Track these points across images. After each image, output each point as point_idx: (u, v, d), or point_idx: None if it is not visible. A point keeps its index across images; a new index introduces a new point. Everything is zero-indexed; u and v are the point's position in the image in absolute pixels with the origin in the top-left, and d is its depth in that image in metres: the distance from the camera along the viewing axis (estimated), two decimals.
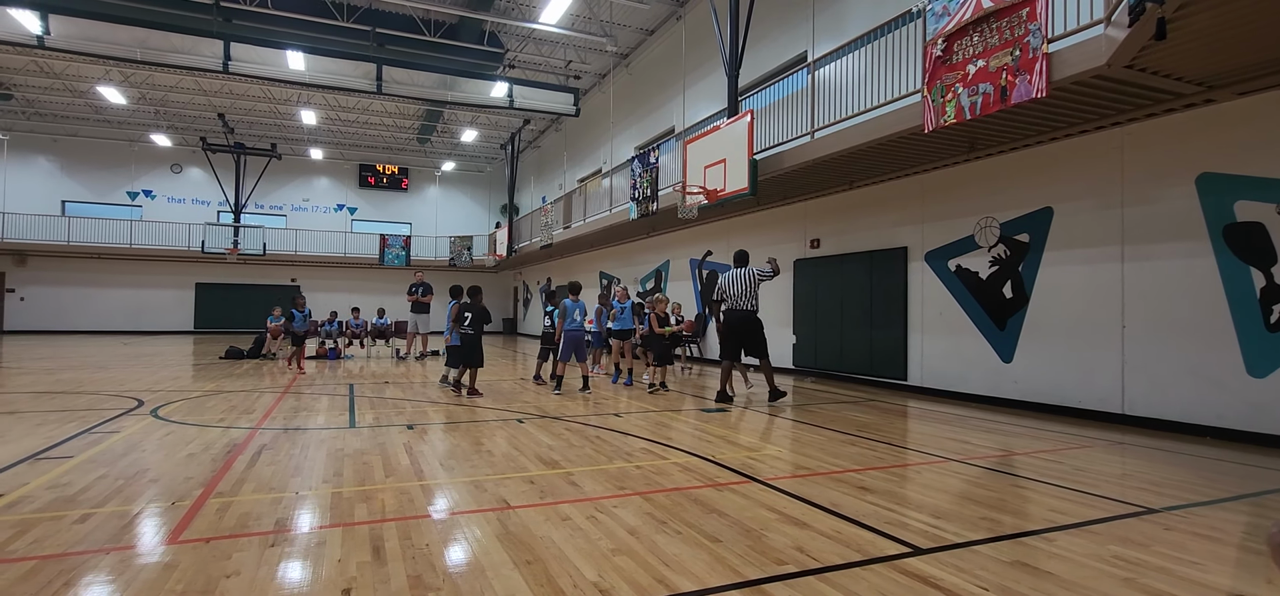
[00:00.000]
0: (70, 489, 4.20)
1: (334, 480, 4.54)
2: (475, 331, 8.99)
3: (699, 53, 15.57)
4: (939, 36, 7.24)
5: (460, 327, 9.03)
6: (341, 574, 2.92)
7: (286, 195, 30.13)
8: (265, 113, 25.08)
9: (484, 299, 9.66)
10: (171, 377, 11.04)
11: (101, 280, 26.65)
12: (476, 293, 9.46)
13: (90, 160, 27.34)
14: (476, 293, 9.46)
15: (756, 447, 5.89)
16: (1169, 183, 7.06)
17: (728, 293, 8.78)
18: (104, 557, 3.07)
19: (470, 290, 9.51)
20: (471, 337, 8.93)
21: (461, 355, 9.05)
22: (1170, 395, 6.99)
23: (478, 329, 9.04)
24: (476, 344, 9.01)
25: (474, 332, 8.97)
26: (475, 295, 9.40)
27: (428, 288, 14.71)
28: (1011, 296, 8.66)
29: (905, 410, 8.41)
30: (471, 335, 8.94)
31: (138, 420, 6.84)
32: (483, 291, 9.65)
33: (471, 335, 8.94)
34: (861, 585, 2.88)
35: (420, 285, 14.68)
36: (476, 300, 9.30)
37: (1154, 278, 7.17)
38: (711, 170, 10.99)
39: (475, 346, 8.99)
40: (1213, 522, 3.88)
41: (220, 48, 17.80)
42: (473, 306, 9.16)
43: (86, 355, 15.40)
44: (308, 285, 29.29)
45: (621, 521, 3.71)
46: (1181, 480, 4.91)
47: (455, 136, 27.83)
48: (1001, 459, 5.60)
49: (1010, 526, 3.74)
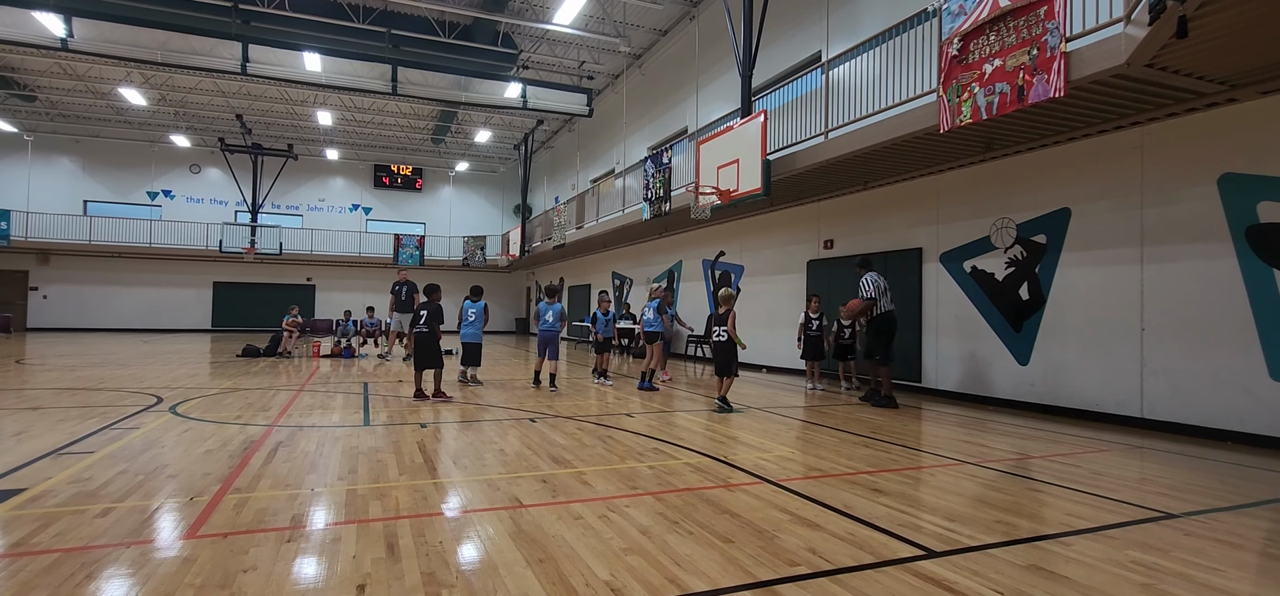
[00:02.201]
0: (92, 484, 4.27)
1: (349, 477, 4.59)
2: (430, 330, 8.56)
3: (712, 53, 15.55)
4: (955, 36, 7.18)
5: (415, 327, 8.65)
6: (356, 570, 2.95)
7: (302, 195, 30.47)
8: (282, 113, 25.38)
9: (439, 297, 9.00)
10: (190, 375, 11.20)
11: (122, 279, 27.11)
12: (434, 291, 9.01)
13: (111, 161, 27.81)
14: (434, 291, 9.01)
15: (768, 449, 5.88)
16: (1190, 183, 6.95)
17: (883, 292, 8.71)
18: (124, 551, 3.12)
19: (427, 288, 9.10)
20: (427, 336, 8.54)
21: (420, 358, 8.60)
22: (1191, 399, 6.88)
23: (433, 327, 8.59)
24: (432, 344, 8.56)
25: (429, 331, 8.55)
26: (432, 293, 8.96)
27: (413, 287, 14.69)
28: (1028, 298, 8.57)
29: (919, 412, 8.35)
30: (427, 333, 8.53)
31: (157, 417, 6.94)
32: (441, 290, 9.08)
33: (427, 333, 8.53)
34: (874, 587, 2.86)
35: (404, 285, 14.66)
36: (433, 298, 8.86)
37: (1174, 279, 7.06)
38: (724, 170, 10.97)
39: (431, 347, 8.55)
40: (1233, 528, 3.82)
41: (239, 50, 18.07)
42: (428, 304, 8.74)
43: (107, 352, 15.66)
44: (323, 285, 29.64)
45: (634, 521, 3.72)
46: (1202, 485, 4.83)
47: (469, 137, 28.01)
48: (1017, 462, 5.54)
49: (1026, 530, 3.70)
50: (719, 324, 8.23)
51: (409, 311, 14.49)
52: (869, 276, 8.80)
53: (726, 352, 8.15)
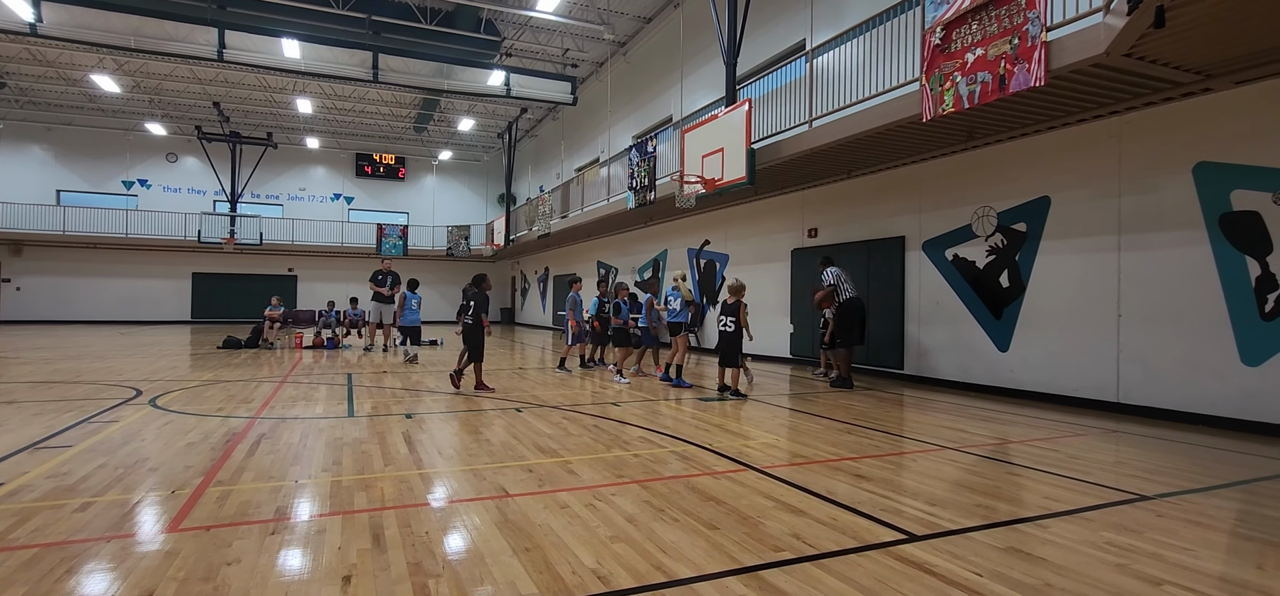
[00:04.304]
0: (70, 478, 4.21)
1: (333, 469, 4.56)
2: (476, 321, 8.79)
3: (697, 41, 15.51)
4: (938, 25, 7.22)
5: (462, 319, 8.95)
6: (342, 561, 2.94)
7: (283, 184, 30.03)
8: (261, 101, 24.95)
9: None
10: (169, 367, 11.04)
11: (98, 270, 26.60)
12: (482, 280, 9.25)
13: (85, 150, 27.20)
14: (482, 280, 9.25)
15: (753, 436, 5.92)
16: (1166, 172, 7.07)
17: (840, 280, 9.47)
18: (104, 545, 3.09)
19: (475, 279, 9.30)
20: (472, 328, 8.75)
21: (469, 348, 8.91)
22: (1165, 384, 7.03)
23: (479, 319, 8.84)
24: (478, 335, 8.82)
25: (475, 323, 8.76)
26: (480, 283, 9.18)
27: (395, 278, 14.57)
28: (1008, 286, 8.69)
29: (902, 399, 8.45)
30: (473, 326, 8.76)
31: (136, 409, 6.84)
32: (488, 279, 9.46)
33: (473, 326, 8.76)
34: (857, 572, 2.91)
35: (387, 274, 14.53)
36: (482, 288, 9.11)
37: (1150, 267, 7.20)
38: (709, 159, 10.97)
39: (476, 338, 8.80)
40: (1204, 509, 3.92)
41: (215, 35, 17.71)
42: (477, 295, 8.96)
43: (84, 345, 15.39)
44: (305, 275, 29.28)
45: (619, 509, 3.74)
46: (1175, 467, 4.95)
47: (452, 125, 27.74)
48: (997, 447, 5.64)
49: (1005, 513, 3.78)
50: (727, 314, 8.34)
51: (390, 302, 14.39)
52: (830, 270, 9.64)
53: (734, 343, 8.29)
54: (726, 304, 8.39)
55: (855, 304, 9.36)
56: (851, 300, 9.35)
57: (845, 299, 9.35)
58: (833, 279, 9.49)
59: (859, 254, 11.06)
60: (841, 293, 9.37)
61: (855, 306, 9.35)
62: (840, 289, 9.38)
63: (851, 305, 9.34)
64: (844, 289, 9.37)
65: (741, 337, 8.32)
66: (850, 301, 9.34)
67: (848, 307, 9.33)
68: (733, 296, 8.37)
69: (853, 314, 9.33)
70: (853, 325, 9.33)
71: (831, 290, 9.42)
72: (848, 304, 9.33)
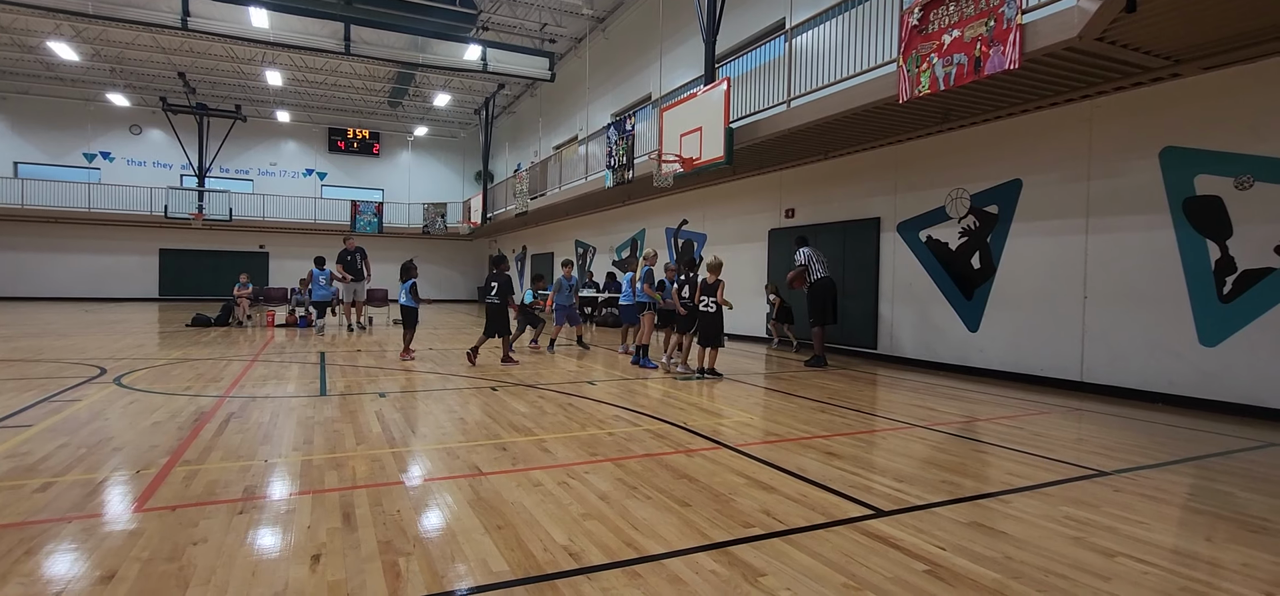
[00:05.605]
0: (30, 458, 4.11)
1: (304, 447, 4.51)
2: (502, 300, 9.26)
3: (677, 18, 15.37)
4: (916, 5, 7.24)
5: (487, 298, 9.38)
6: (311, 540, 2.92)
7: (253, 159, 29.30)
8: (228, 72, 24.23)
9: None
10: (136, 345, 10.79)
11: (60, 245, 25.80)
12: (501, 261, 9.64)
13: (43, 120, 26.24)
14: (501, 261, 9.64)
15: (727, 415, 5.98)
16: (1134, 156, 7.21)
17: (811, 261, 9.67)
18: (66, 526, 3.03)
19: (495, 259, 9.77)
20: (497, 307, 9.23)
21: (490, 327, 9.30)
22: (1127, 363, 7.23)
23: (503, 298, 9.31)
24: (502, 313, 9.30)
25: (500, 302, 9.24)
26: (500, 264, 9.57)
27: (362, 254, 14.25)
28: (979, 267, 8.83)
29: (875, 378, 8.58)
30: (498, 305, 9.23)
31: (101, 388, 6.69)
32: (508, 261, 9.97)
33: (498, 305, 9.23)
34: (825, 546, 2.96)
35: (355, 251, 14.18)
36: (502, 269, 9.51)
37: (1116, 249, 7.36)
38: (688, 138, 10.94)
39: (500, 316, 9.29)
40: (1159, 484, 4.06)
41: (178, 2, 17.10)
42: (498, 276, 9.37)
43: (46, 322, 14.96)
44: (277, 252, 28.71)
45: (593, 487, 3.76)
46: (1133, 444, 5.11)
47: (428, 100, 27.23)
48: (964, 425, 5.76)
49: (969, 489, 3.87)
50: (707, 294, 8.31)
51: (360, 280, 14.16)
52: (803, 250, 9.83)
53: (716, 324, 8.32)
54: (706, 283, 8.36)
55: (827, 283, 9.53)
56: (823, 280, 9.51)
57: (817, 279, 9.51)
58: (804, 259, 9.67)
59: (835, 235, 11.15)
60: (813, 272, 9.54)
61: (827, 286, 9.52)
62: (811, 269, 9.56)
63: (823, 285, 9.50)
64: (816, 269, 9.55)
65: (722, 317, 8.38)
66: (822, 281, 9.51)
67: (820, 287, 9.49)
68: (712, 275, 8.33)
69: (825, 293, 9.50)
70: (826, 304, 9.51)
71: (803, 270, 9.62)
72: (819, 283, 9.50)
